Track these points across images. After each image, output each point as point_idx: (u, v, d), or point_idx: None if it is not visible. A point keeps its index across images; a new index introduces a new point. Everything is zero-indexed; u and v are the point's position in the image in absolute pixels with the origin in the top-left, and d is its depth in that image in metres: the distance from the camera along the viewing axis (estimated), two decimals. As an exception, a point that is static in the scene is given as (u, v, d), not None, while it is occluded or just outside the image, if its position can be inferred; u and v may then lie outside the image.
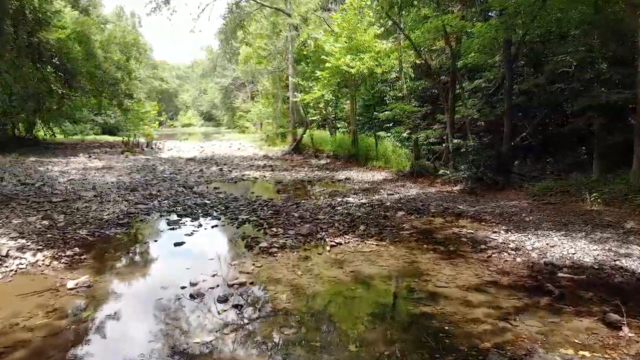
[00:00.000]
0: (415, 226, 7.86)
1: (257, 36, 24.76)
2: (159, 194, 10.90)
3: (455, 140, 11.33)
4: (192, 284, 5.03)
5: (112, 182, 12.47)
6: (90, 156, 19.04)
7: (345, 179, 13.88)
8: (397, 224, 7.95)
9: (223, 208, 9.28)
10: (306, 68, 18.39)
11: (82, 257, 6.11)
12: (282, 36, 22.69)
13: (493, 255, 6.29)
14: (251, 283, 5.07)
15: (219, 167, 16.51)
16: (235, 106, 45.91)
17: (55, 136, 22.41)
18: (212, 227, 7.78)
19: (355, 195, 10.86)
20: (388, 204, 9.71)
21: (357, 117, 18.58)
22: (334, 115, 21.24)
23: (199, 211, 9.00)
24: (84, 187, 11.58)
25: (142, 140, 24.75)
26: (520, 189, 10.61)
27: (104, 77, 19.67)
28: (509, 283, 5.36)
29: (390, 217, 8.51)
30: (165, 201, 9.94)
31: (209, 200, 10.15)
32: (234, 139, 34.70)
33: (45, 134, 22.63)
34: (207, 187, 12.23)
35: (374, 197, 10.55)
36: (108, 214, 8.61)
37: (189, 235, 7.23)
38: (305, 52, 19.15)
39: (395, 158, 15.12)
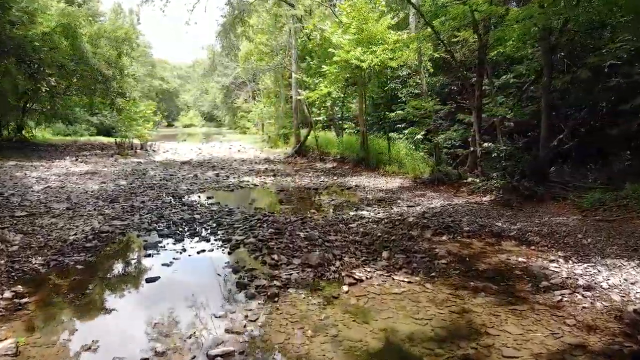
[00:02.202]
0: (451, 251, 6.33)
1: (258, 31, 23.30)
2: (142, 205, 9.42)
3: (486, 144, 9.79)
4: (158, 354, 3.53)
5: (92, 191, 11.00)
6: (77, 159, 17.60)
7: (356, 186, 12.35)
8: (428, 249, 6.43)
9: (214, 225, 7.78)
10: (311, 63, 16.86)
11: (23, 300, 4.63)
12: (285, 30, 21.23)
13: (564, 299, 4.76)
14: (241, 353, 3.55)
15: (215, 172, 15.02)
16: (236, 106, 44.45)
17: (20, 136, 20.91)
18: (198, 252, 6.28)
19: (370, 207, 9.35)
20: (411, 219, 8.18)
21: (366, 117, 17.05)
22: (340, 115, 19.70)
23: (185, 229, 7.50)
24: (58, 197, 10.12)
25: (136, 141, 23.29)
26: (564, 201, 9.05)
27: (79, 70, 18.11)
28: (601, 348, 3.84)
29: (417, 238, 6.99)
30: (148, 215, 8.45)
31: (199, 214, 8.66)
32: (234, 140, 33.25)
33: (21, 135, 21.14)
34: (200, 197, 10.74)
35: (392, 210, 9.02)
36: (75, 234, 7.13)
37: (168, 265, 5.73)
38: (310, 45, 17.61)
39: (411, 162, 13.58)
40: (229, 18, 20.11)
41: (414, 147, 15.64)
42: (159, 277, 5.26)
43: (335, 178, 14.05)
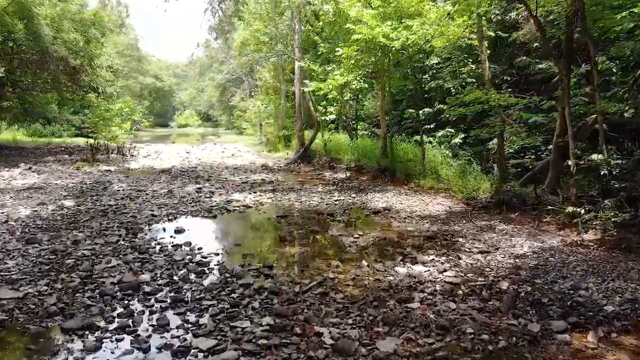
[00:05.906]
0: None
1: (255, 18, 20.06)
2: (71, 250, 6.13)
3: (595, 156, 6.49)
4: None
5: (15, 220, 7.71)
6: (30, 167, 14.29)
7: (385, 209, 9.04)
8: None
9: (169, 302, 4.49)
10: (321, 46, 13.54)
11: None
12: (287, 16, 18.02)
13: None
14: None
15: (197, 186, 11.71)
16: (232, 105, 41.17)
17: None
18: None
19: (423, 255, 6.03)
20: (505, 286, 4.89)
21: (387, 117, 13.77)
22: (354, 113, 16.39)
23: (116, 312, 4.21)
24: (-45, 231, 6.85)
25: (113, 144, 19.98)
26: None
27: (38, 58, 14.92)
28: None
29: (543, 343, 3.72)
30: (67, 275, 5.16)
31: (151, 269, 5.36)
32: (229, 142, 29.93)
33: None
34: (164, 230, 7.45)
35: (461, 262, 5.73)
36: None
37: None
38: (321, 25, 14.33)
39: (454, 175, 10.32)
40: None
41: (449, 154, 12.41)
42: None
43: (353, 195, 10.75)
